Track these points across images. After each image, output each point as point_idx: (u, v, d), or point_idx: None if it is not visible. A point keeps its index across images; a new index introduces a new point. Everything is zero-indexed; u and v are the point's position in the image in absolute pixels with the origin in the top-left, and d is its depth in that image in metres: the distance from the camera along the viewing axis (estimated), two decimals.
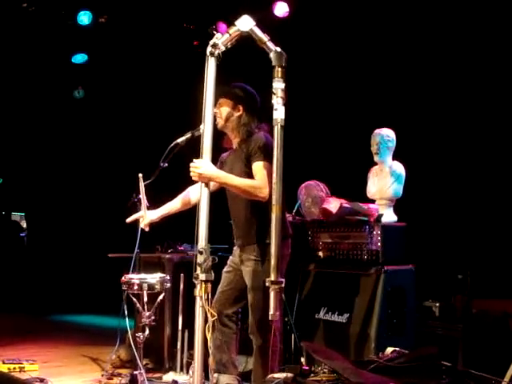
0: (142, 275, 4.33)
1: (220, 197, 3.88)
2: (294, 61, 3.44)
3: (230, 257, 3.97)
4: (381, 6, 6.12)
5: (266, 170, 3.57)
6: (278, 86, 3.20)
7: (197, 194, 3.67)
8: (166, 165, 4.17)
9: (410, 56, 5.97)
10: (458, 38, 5.59)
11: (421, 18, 5.84)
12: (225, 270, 3.94)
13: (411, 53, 5.95)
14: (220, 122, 3.79)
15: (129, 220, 3.99)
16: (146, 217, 3.93)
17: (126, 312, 4.37)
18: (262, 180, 3.57)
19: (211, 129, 3.34)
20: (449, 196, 5.60)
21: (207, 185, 3.36)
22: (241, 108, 3.79)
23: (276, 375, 3.31)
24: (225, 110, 3.80)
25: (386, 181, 4.78)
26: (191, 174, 3.35)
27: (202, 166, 3.33)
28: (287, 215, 4.69)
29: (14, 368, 4.81)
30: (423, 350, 3.49)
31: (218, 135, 3.78)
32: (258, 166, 3.62)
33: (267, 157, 3.55)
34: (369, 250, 4.49)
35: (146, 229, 3.95)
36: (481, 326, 4.47)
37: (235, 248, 3.91)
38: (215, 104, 3.61)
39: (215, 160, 3.54)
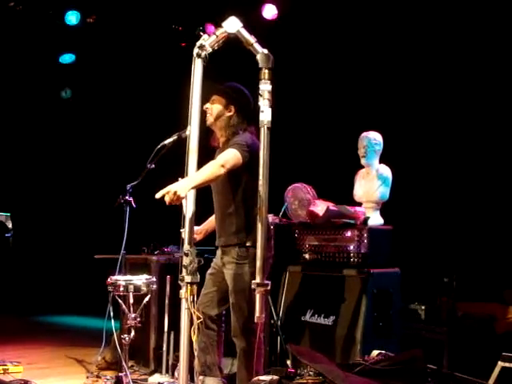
0: (128, 277, 4.31)
1: (207, 199, 3.86)
2: (281, 63, 3.44)
3: (214, 259, 3.96)
4: (368, 10, 6.15)
5: (231, 155, 3.53)
6: (265, 87, 3.20)
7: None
8: (153, 166, 4.16)
9: (397, 59, 5.99)
10: (443, 41, 5.62)
11: (407, 22, 5.87)
12: (208, 272, 3.92)
13: (398, 56, 5.98)
14: (209, 119, 3.77)
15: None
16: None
17: (111, 313, 4.35)
18: (220, 157, 3.54)
19: (198, 130, 3.34)
20: (435, 199, 5.62)
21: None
22: (233, 109, 3.76)
23: (261, 377, 3.31)
24: (216, 108, 3.77)
25: (372, 184, 4.79)
26: (168, 201, 3.20)
27: (172, 187, 3.21)
28: (273, 217, 4.71)
29: None
30: (408, 353, 3.50)
31: (205, 137, 3.76)
32: (227, 151, 3.58)
33: (240, 150, 3.54)
34: (355, 252, 4.49)
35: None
36: (466, 328, 4.50)
37: (218, 250, 3.90)
38: (204, 103, 3.59)
39: (202, 160, 3.50)
